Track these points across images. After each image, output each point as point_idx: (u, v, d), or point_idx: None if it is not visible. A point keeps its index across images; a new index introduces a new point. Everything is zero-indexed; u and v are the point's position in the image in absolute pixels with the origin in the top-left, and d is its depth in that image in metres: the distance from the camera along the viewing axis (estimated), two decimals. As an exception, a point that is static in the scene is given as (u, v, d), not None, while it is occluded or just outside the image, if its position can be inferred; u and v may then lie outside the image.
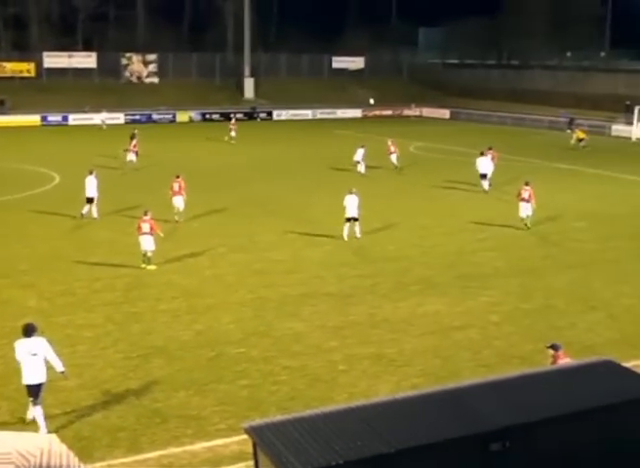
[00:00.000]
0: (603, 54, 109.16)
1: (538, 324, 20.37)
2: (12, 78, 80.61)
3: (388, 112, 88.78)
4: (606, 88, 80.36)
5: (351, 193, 29.47)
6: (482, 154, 40.47)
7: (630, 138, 66.38)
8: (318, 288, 23.34)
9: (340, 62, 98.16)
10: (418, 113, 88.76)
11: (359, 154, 45.60)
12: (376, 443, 9.79)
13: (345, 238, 29.06)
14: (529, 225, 31.05)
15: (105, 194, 33.14)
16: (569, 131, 71.53)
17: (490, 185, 39.62)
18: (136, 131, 50.63)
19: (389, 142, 47.83)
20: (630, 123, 68.29)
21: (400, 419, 10.37)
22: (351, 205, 29.11)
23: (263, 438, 10.06)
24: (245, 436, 10.81)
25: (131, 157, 45.89)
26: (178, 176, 32.51)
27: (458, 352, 18.51)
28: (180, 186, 31.96)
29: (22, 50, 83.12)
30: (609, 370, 12.13)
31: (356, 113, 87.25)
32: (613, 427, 11.11)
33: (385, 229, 30.97)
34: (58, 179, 42.19)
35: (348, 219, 29.14)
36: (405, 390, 14.29)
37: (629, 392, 11.39)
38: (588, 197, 38.64)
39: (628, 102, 70.70)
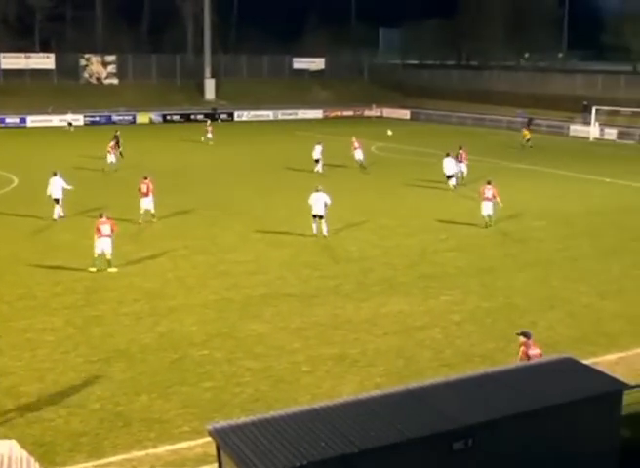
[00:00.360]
0: (561, 55, 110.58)
1: (499, 322, 20.56)
2: (-32, 79, 79.64)
3: (349, 113, 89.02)
4: (564, 88, 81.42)
5: (317, 191, 29.67)
6: (447, 155, 40.71)
7: (588, 138, 67.29)
8: (281, 289, 23.33)
9: (300, 63, 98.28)
10: (378, 114, 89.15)
11: (317, 151, 45.76)
12: (339, 443, 9.83)
13: (315, 232, 29.43)
14: (491, 224, 31.37)
15: (70, 196, 32.89)
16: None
17: (456, 185, 40.09)
18: (118, 132, 50.86)
19: (353, 139, 48.26)
20: (588, 123, 69.22)
21: (364, 419, 10.43)
22: (317, 203, 29.28)
23: (227, 440, 10.05)
24: (209, 438, 10.80)
25: (111, 158, 45.95)
26: (145, 178, 32.35)
27: (420, 351, 18.61)
28: (148, 188, 31.85)
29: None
30: (569, 368, 12.30)
31: (317, 114, 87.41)
32: (574, 423, 11.26)
33: (348, 229, 31.05)
34: (16, 182, 41.69)
35: (315, 217, 29.40)
36: (368, 390, 14.32)
37: (589, 389, 11.56)
38: (547, 196, 39.08)
39: (586, 103, 71.67)
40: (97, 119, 76.88)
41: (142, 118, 78.99)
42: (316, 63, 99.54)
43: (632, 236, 30.56)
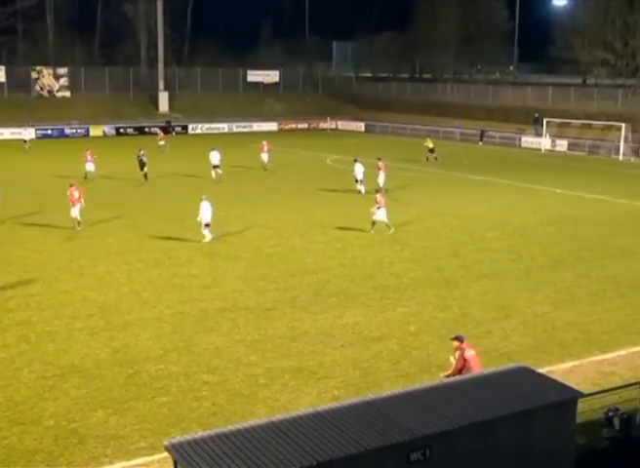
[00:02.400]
0: (512, 67, 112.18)
1: (454, 333, 20.56)
2: None
3: (304, 125, 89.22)
4: (515, 100, 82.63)
5: (204, 200, 30.76)
6: (356, 161, 42.97)
7: (540, 150, 68.27)
8: (237, 302, 23.24)
9: (255, 76, 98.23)
10: (333, 126, 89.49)
11: (215, 158, 47.10)
12: (297, 456, 9.81)
13: (207, 240, 30.45)
14: (392, 229, 32.27)
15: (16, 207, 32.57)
16: (480, 143, 73.30)
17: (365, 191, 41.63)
18: (142, 152, 47.72)
19: (264, 142, 52.79)
20: (539, 134, 70.29)
21: (321, 432, 10.42)
22: (206, 211, 30.48)
23: (184, 455, 9.98)
24: (166, 454, 10.71)
25: (89, 167, 46.55)
26: (71, 185, 32.95)
27: (377, 363, 18.67)
28: (79, 195, 32.02)
29: None
30: (525, 377, 12.43)
31: (272, 126, 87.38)
32: (529, 431, 11.37)
33: (303, 242, 31.06)
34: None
35: (207, 225, 30.60)
36: (326, 402, 14.34)
37: (545, 397, 11.69)
38: (500, 207, 39.51)
39: (537, 115, 72.77)
40: (49, 132, 76.05)
41: (96, 131, 78.35)
42: (270, 76, 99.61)
43: (584, 246, 31.05)
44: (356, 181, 42.50)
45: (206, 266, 27.30)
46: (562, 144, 68.23)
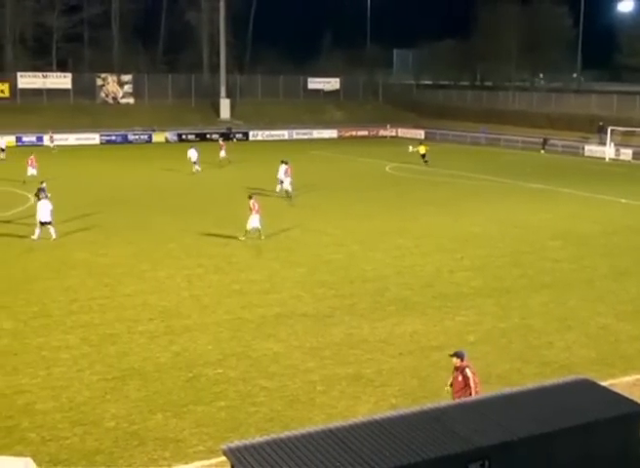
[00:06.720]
0: (575, 75, 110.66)
1: (514, 343, 20.43)
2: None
3: (364, 133, 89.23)
4: (578, 108, 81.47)
5: (43, 199, 31.80)
6: (282, 162, 44.50)
7: (604, 158, 67.15)
8: (295, 308, 23.29)
9: (315, 83, 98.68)
10: (393, 133, 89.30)
11: (194, 155, 53.83)
12: (354, 464, 9.77)
13: (36, 237, 31.24)
14: (262, 236, 32.04)
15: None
16: (543, 151, 72.42)
17: (289, 195, 42.83)
18: (43, 184, 37.80)
19: (220, 141, 62.76)
20: (603, 143, 69.13)
21: (378, 440, 10.37)
22: (43, 210, 31.25)
23: (242, 460, 10.01)
24: (224, 458, 10.76)
25: (31, 171, 48.34)
26: None
27: (435, 372, 18.50)
28: None
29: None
30: (586, 389, 12.21)
31: (332, 134, 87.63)
32: (590, 445, 11.17)
33: (361, 249, 31.01)
34: (32, 200, 41.84)
35: (41, 223, 31.21)
36: (383, 410, 14.26)
37: (607, 411, 11.46)
38: (563, 217, 38.94)
39: (601, 123, 71.62)
40: (113, 138, 77.45)
41: (158, 137, 79.51)
42: (331, 83, 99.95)
43: (649, 257, 30.42)
44: (280, 183, 43.85)
45: (265, 272, 27.44)
46: (627, 153, 67.03)
